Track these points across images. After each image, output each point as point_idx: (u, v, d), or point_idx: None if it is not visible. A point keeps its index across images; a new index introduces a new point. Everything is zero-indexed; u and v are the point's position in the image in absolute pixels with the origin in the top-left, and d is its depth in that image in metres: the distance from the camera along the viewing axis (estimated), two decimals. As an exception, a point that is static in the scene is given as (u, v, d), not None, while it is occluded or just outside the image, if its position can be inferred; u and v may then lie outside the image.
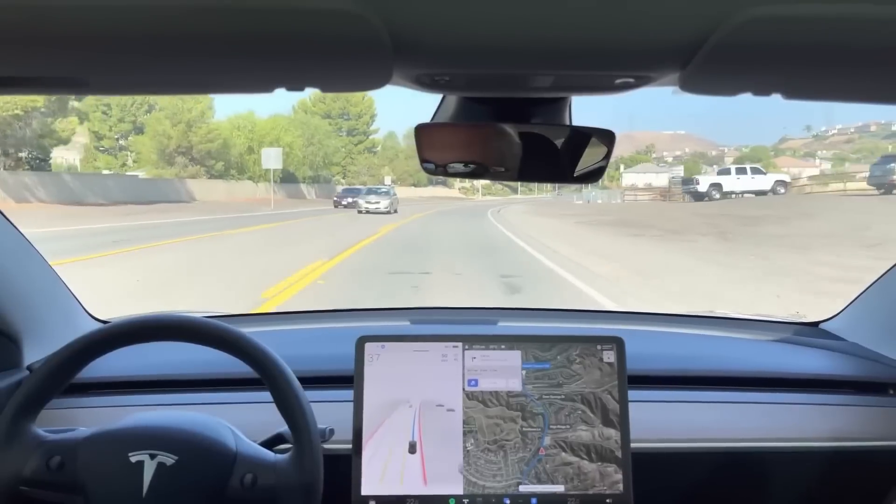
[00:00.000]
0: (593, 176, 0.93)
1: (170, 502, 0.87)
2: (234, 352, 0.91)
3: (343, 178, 58.75)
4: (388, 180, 54.24)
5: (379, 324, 1.66)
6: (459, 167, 0.93)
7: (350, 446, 1.06)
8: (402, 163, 69.58)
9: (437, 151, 0.91)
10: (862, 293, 1.47)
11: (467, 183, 79.75)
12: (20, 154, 28.76)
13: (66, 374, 0.92)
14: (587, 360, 1.11)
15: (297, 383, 0.91)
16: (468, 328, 1.55)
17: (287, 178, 43.94)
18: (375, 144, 66.57)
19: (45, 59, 0.55)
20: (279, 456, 0.92)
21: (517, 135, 0.88)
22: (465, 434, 1.08)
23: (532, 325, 1.64)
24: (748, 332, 1.55)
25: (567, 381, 1.10)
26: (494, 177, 0.95)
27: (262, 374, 0.90)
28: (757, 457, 1.18)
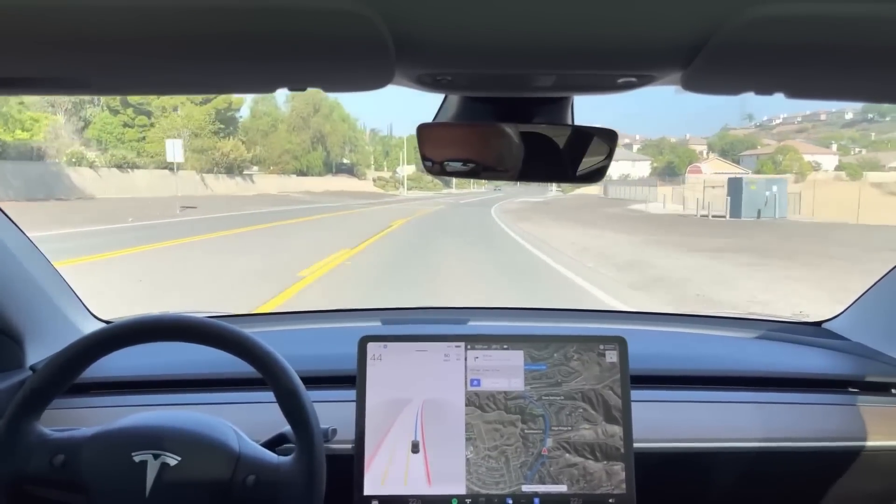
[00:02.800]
0: (595, 175, 0.93)
1: (172, 502, 0.88)
2: (237, 352, 0.91)
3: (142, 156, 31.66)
4: (174, 151, 24.20)
5: (381, 323, 1.66)
6: (461, 167, 0.93)
7: (352, 446, 1.06)
8: (281, 138, 46.69)
9: (438, 151, 0.91)
10: (865, 292, 1.47)
11: (386, 172, 65.72)
12: None
13: (70, 373, 0.93)
14: (585, 356, 1.10)
15: (299, 383, 0.91)
16: (471, 328, 1.55)
17: None
18: (234, 105, 39.71)
19: (46, 60, 0.55)
20: (282, 457, 0.92)
21: (519, 134, 0.88)
22: (465, 441, 1.07)
23: (535, 325, 1.64)
24: (751, 332, 1.54)
25: (566, 379, 1.10)
26: (496, 176, 0.96)
27: (264, 373, 0.91)
28: (760, 456, 1.18)
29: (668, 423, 1.20)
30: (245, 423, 0.98)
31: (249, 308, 5.96)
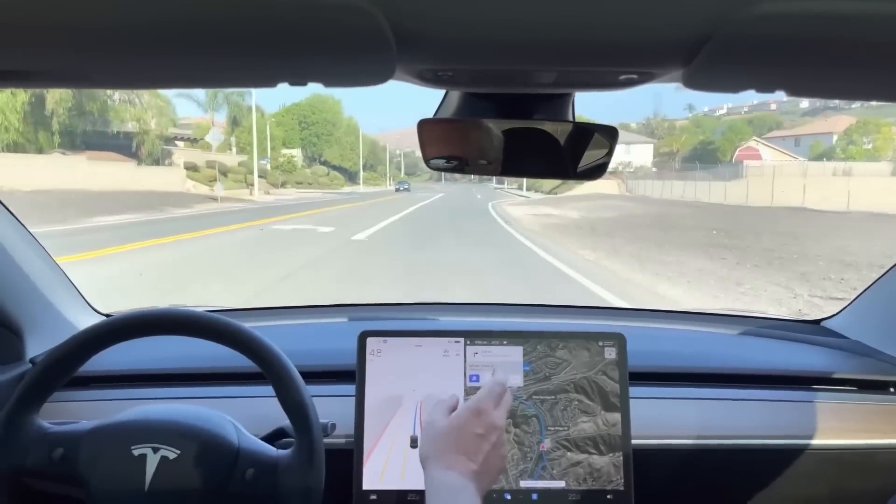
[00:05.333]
0: (595, 172, 0.93)
1: (172, 496, 0.88)
2: (236, 346, 0.91)
3: None
4: None
5: (381, 318, 1.67)
6: (460, 163, 0.93)
7: (352, 441, 1.06)
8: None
9: (439, 147, 0.91)
10: (864, 291, 1.47)
11: (230, 158, 35.83)
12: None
13: (69, 367, 0.93)
14: (570, 342, 1.08)
15: (298, 377, 0.91)
16: (470, 323, 1.55)
17: None
18: None
19: (46, 53, 0.55)
20: (281, 451, 0.92)
21: (520, 131, 0.88)
22: None
23: (534, 321, 1.64)
24: (750, 330, 1.55)
25: (554, 371, 1.07)
26: (496, 172, 0.96)
27: (263, 367, 0.91)
28: (758, 454, 1.18)
29: (666, 420, 1.20)
30: (244, 418, 0.98)
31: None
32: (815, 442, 1.18)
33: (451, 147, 0.92)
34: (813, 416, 1.22)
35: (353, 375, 1.09)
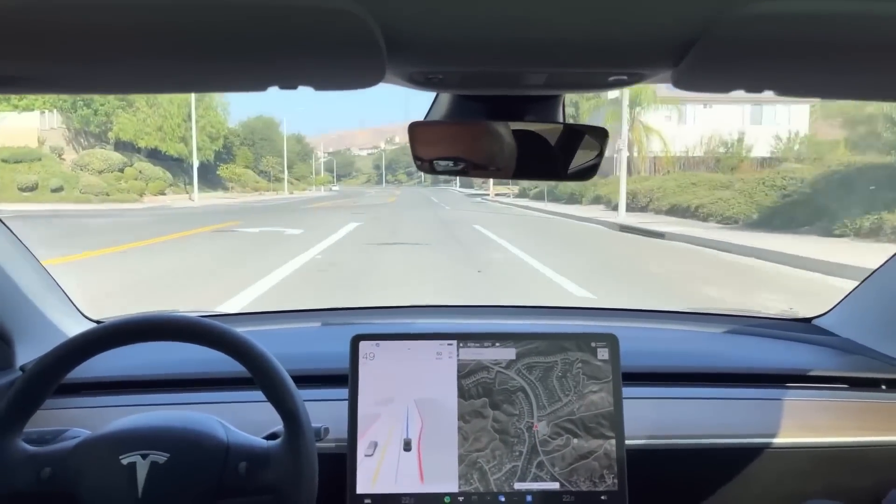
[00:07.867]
0: (586, 173, 0.93)
1: (167, 499, 0.87)
2: (226, 350, 0.91)
3: None
4: None
5: (373, 322, 1.66)
6: (452, 165, 0.93)
7: (345, 445, 1.06)
8: None
9: (430, 150, 0.91)
10: (854, 289, 1.48)
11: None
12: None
13: (57, 376, 0.91)
14: (563, 343, 0.98)
15: (289, 380, 0.90)
16: (462, 325, 1.55)
17: None
18: None
19: (38, 59, 0.54)
20: (271, 442, 0.92)
21: (511, 133, 0.88)
22: (457, 439, 1.03)
23: (526, 323, 1.64)
24: (740, 329, 1.55)
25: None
26: (488, 175, 0.96)
27: (248, 366, 0.90)
28: (750, 453, 1.19)
29: (658, 420, 1.20)
30: (236, 423, 0.98)
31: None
32: (808, 440, 1.19)
33: (442, 150, 0.92)
34: (805, 414, 1.23)
35: (345, 379, 1.08)
